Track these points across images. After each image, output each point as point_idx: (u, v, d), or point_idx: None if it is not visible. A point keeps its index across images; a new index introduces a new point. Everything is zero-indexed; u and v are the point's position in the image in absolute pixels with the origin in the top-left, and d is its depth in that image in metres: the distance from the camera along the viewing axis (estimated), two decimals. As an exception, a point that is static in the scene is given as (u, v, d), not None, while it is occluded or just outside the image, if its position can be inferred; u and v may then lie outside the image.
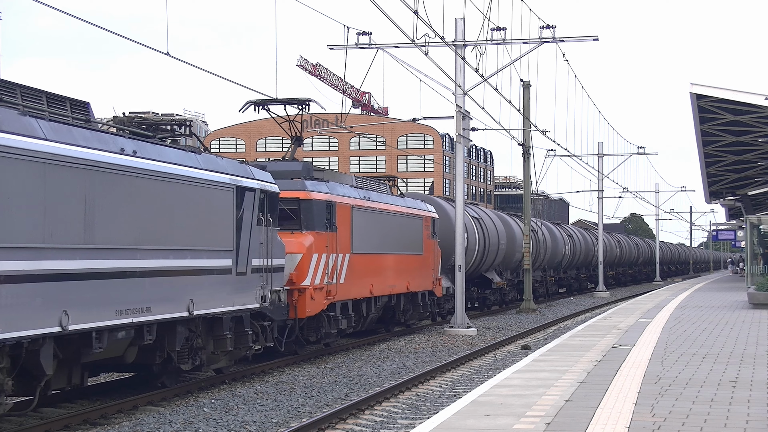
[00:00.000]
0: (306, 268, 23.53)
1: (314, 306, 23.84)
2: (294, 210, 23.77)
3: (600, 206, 70.47)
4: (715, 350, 19.33)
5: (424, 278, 32.88)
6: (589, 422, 11.41)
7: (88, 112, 16.07)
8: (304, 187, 24.06)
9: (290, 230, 23.47)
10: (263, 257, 20.60)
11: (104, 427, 15.45)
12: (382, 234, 28.66)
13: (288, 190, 23.53)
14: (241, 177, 19.93)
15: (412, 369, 23.00)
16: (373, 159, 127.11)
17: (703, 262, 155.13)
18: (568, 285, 65.81)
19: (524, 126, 45.34)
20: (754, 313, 30.94)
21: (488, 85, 34.44)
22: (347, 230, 25.79)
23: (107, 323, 15.36)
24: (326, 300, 24.40)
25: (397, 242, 29.88)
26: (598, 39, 35.56)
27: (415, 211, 31.91)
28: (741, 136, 43.59)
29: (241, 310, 19.88)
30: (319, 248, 24.05)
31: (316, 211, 24.07)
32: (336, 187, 25.70)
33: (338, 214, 25.13)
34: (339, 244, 25.15)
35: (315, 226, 23.99)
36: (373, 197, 28.27)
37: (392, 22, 26.26)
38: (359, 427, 15.64)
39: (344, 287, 25.54)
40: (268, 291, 20.80)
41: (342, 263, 25.40)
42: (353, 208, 26.20)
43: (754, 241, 48.41)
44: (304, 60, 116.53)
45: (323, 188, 24.77)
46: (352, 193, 26.61)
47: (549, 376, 15.63)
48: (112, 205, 15.45)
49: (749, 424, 11.28)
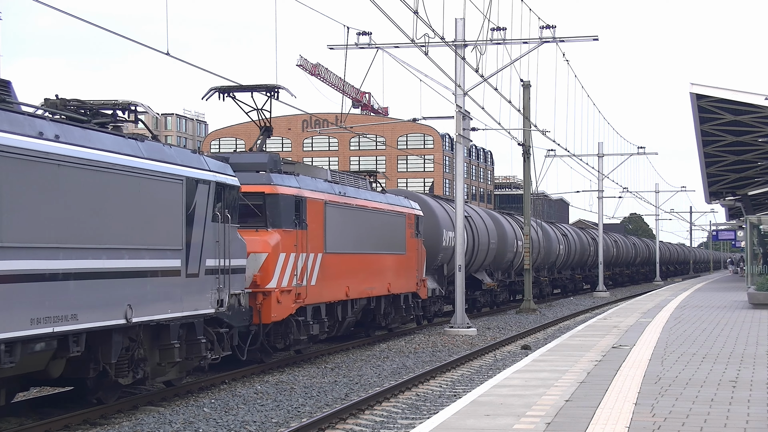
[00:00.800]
0: (271, 269, 21.59)
1: (281, 310, 21.88)
2: (259, 206, 21.87)
3: (600, 206, 70.49)
4: (715, 350, 19.33)
5: (407, 279, 31.20)
6: (589, 422, 11.40)
7: (8, 91, 14.21)
8: (269, 181, 22.16)
9: (254, 228, 21.71)
10: (220, 257, 18.68)
11: (104, 427, 15.44)
12: (360, 232, 26.81)
13: (252, 184, 21.75)
14: (193, 168, 17.90)
15: (412, 369, 23.00)
16: (373, 159, 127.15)
17: (703, 262, 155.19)
18: (563, 286, 64.21)
19: (524, 126, 45.35)
20: (754, 313, 30.93)
21: (488, 85, 34.46)
22: (320, 228, 23.92)
23: (18, 334, 13.29)
24: (295, 303, 22.53)
25: (376, 241, 28.12)
26: (598, 39, 35.61)
27: (397, 208, 30.20)
28: (741, 136, 43.59)
29: (193, 316, 17.84)
30: (287, 247, 22.17)
31: (284, 206, 22.19)
32: (307, 181, 23.77)
33: (309, 211, 23.23)
34: (310, 242, 23.27)
35: (282, 223, 22.11)
36: (350, 193, 26.37)
37: (392, 22, 26.29)
38: (359, 427, 15.64)
39: (316, 289, 23.62)
40: (226, 294, 18.94)
41: (313, 264, 23.51)
42: (326, 203, 24.29)
43: (754, 241, 48.40)
44: (304, 60, 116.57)
45: (292, 182, 22.88)
46: (325, 188, 24.68)
47: (549, 376, 15.63)
48: (26, 196, 13.49)
49: (749, 424, 11.28)
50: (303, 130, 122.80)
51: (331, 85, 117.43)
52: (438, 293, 36.12)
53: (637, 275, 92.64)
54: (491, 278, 44.74)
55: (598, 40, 35.54)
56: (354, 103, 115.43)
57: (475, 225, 41.20)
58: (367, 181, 29.27)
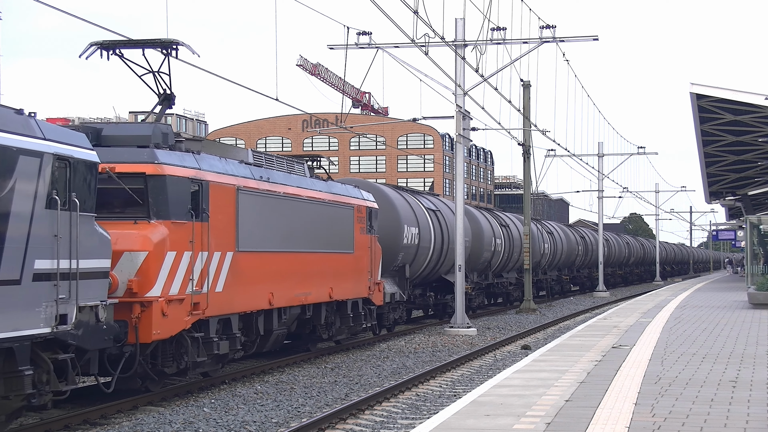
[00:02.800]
0: (154, 272, 16.89)
1: (168, 325, 17.19)
2: (138, 190, 17.10)
3: (600, 206, 70.50)
4: (715, 350, 19.33)
5: (356, 283, 26.47)
6: (589, 422, 11.41)
7: None
8: (153, 158, 17.35)
9: (133, 219, 17.10)
10: (60, 257, 14.21)
11: (104, 427, 15.45)
12: (291, 226, 22.12)
13: (129, 162, 17.19)
14: (12, 134, 13.48)
15: (412, 369, 23.00)
16: (373, 159, 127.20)
17: (703, 262, 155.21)
18: (549, 288, 58.58)
19: (524, 126, 45.36)
20: (754, 313, 30.94)
21: (488, 85, 34.48)
22: (230, 220, 19.28)
23: None
24: (191, 316, 17.86)
25: (313, 237, 23.45)
26: (598, 39, 35.61)
27: (343, 199, 25.59)
28: (741, 136, 43.62)
29: (10, 339, 13.24)
30: (178, 244, 17.49)
31: (173, 191, 17.44)
32: (212, 162, 19.03)
33: (214, 198, 18.61)
34: (214, 238, 18.65)
35: (171, 213, 17.36)
36: (277, 178, 21.70)
37: (392, 22, 26.30)
38: (359, 427, 15.64)
39: (223, 297, 19.00)
40: (72, 307, 14.41)
41: (220, 265, 18.91)
42: (240, 190, 19.64)
43: (754, 241, 48.42)
44: (304, 60, 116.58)
45: (188, 161, 18.14)
46: (240, 171, 20.04)
47: (549, 376, 15.63)
48: None
49: (749, 424, 11.29)
50: (303, 130, 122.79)
51: (331, 85, 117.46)
52: (399, 298, 31.71)
53: (630, 276, 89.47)
54: (465, 280, 38.38)
55: (598, 40, 35.59)
56: (354, 103, 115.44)
57: (446, 220, 36.63)
58: (306, 165, 24.32)
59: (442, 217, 36.48)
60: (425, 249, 33.92)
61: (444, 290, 38.01)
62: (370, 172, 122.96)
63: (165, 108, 19.22)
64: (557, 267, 60.82)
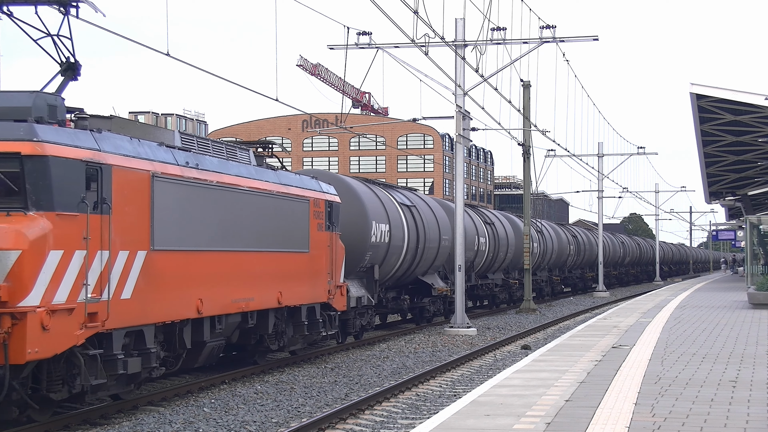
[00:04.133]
0: (30, 275, 13.79)
1: (50, 342, 14.05)
2: (12, 174, 14.04)
3: (600, 206, 70.51)
4: (715, 350, 19.33)
5: (313, 286, 23.38)
6: (589, 422, 11.41)
7: None
8: (32, 135, 14.13)
9: (5, 210, 13.97)
10: None
11: (104, 427, 15.45)
12: (226, 221, 19.02)
13: (1, 140, 14.08)
14: None
15: (412, 369, 23.00)
16: (373, 159, 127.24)
17: (703, 262, 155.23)
18: (539, 289, 55.50)
19: (524, 126, 45.37)
20: (754, 313, 30.94)
21: (488, 85, 34.49)
22: (143, 213, 16.19)
23: None
24: (85, 329, 14.70)
25: (257, 234, 20.36)
26: (598, 39, 35.64)
27: (297, 191, 22.53)
28: (741, 136, 43.64)
29: None
30: (66, 241, 14.38)
31: (59, 176, 14.28)
32: (117, 142, 15.83)
33: (119, 186, 15.48)
34: (119, 234, 15.54)
35: (56, 203, 14.21)
36: (208, 165, 18.58)
37: (392, 22, 26.30)
38: (359, 427, 15.65)
39: (131, 306, 15.91)
40: None
41: (128, 266, 15.80)
42: (156, 177, 16.48)
43: (754, 241, 48.43)
44: (304, 60, 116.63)
45: (82, 140, 14.96)
46: (157, 155, 16.81)
47: (549, 376, 15.64)
48: None
49: (749, 424, 11.29)
50: (303, 130, 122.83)
51: (331, 85, 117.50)
52: (367, 302, 28.24)
53: (626, 276, 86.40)
54: (445, 282, 36.73)
55: (598, 40, 35.62)
56: (354, 103, 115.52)
57: (422, 217, 33.45)
58: (251, 152, 21.32)
59: (418, 213, 33.20)
60: (397, 248, 30.75)
61: (420, 292, 35.31)
62: (370, 172, 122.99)
63: (68, 78, 16.12)
64: (547, 267, 58.04)
